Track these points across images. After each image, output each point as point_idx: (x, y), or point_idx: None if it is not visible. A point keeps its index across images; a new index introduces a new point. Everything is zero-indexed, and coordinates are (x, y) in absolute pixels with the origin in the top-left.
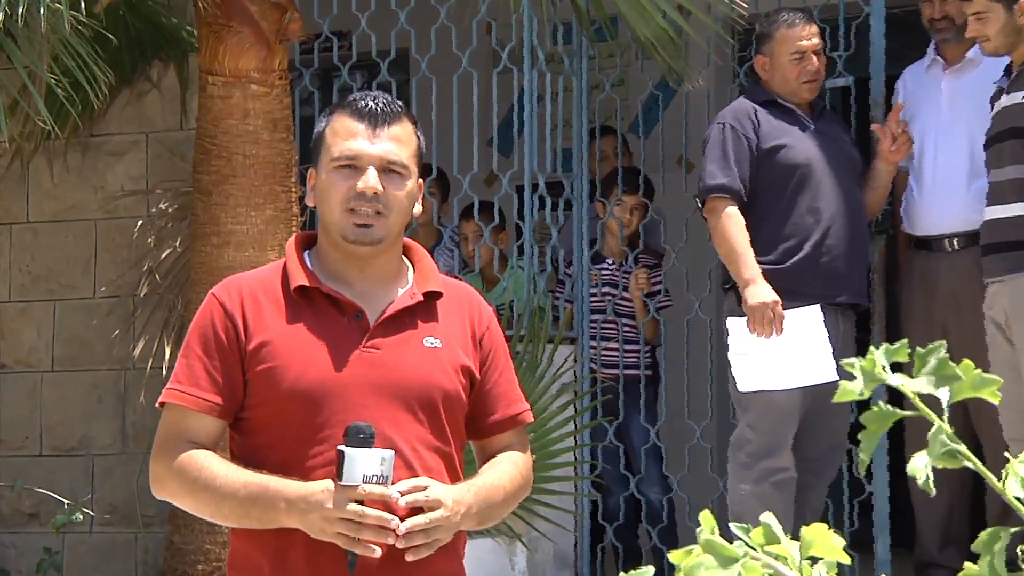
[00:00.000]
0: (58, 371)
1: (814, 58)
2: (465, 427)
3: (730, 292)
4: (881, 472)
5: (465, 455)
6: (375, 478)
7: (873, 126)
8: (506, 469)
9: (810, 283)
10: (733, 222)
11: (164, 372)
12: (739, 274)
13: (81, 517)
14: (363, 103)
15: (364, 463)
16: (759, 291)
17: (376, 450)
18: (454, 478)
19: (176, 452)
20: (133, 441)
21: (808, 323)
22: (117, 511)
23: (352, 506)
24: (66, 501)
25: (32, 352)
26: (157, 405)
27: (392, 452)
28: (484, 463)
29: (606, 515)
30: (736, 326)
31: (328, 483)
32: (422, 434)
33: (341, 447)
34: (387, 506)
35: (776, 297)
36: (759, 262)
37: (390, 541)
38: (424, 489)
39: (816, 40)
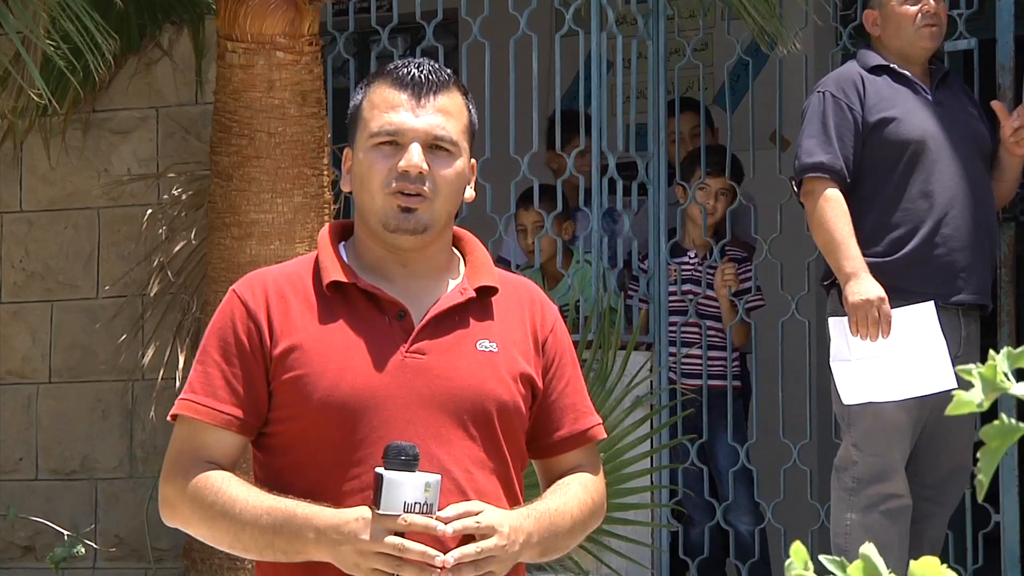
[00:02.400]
0: (56, 383)
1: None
2: (527, 444)
3: (832, 289)
4: (1011, 498)
5: (527, 478)
6: (418, 506)
7: (994, 103)
8: (574, 493)
9: (922, 279)
10: (833, 207)
11: (177, 383)
12: (839, 267)
13: (83, 550)
14: (405, 70)
15: (406, 489)
16: (862, 287)
17: (420, 474)
18: (513, 503)
19: (190, 473)
20: (142, 463)
21: (921, 323)
22: (124, 543)
23: (391, 538)
24: (66, 532)
25: (27, 361)
26: (169, 418)
27: (438, 477)
28: (548, 486)
29: (688, 548)
30: (838, 328)
31: (364, 511)
32: (475, 453)
33: (380, 470)
34: (433, 539)
35: (882, 293)
36: (863, 255)
37: None
38: (476, 514)
39: None
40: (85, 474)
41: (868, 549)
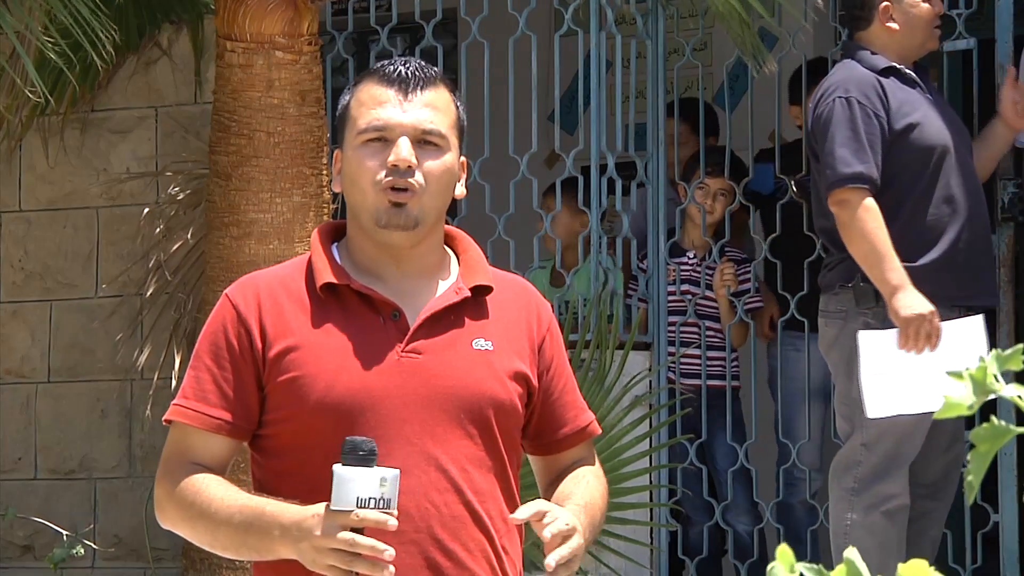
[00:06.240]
0: (55, 382)
1: None
2: (529, 442)
3: (846, 291)
4: (1009, 498)
5: (524, 477)
6: (372, 501)
7: (1009, 68)
8: (595, 486)
9: (947, 284)
10: (873, 217)
11: (173, 383)
12: (885, 280)
13: (82, 550)
14: (391, 68)
15: (360, 484)
16: (912, 300)
17: (376, 469)
18: (510, 502)
19: (177, 476)
20: (141, 463)
21: (968, 336)
22: (123, 543)
23: (343, 534)
24: (65, 532)
25: (25, 361)
26: (163, 422)
27: (396, 472)
28: (550, 481)
29: (687, 548)
30: (872, 341)
31: (320, 507)
32: (472, 452)
33: (335, 466)
34: (387, 534)
35: (932, 307)
36: None
37: (385, 575)
38: (545, 515)
39: None
40: (84, 474)
41: (851, 553)
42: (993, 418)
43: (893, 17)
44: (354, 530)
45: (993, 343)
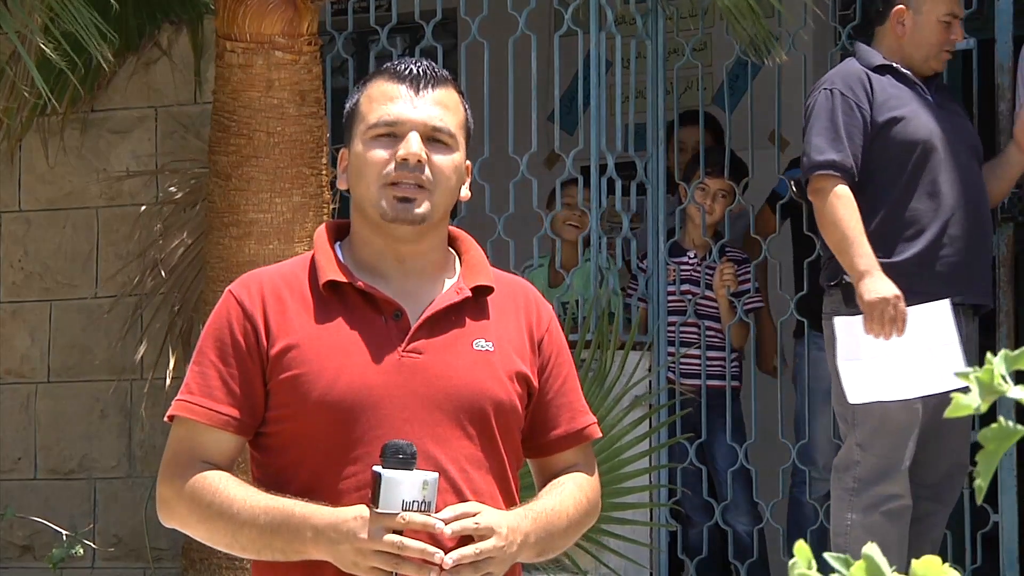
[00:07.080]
0: (55, 382)
1: (958, 25)
2: (523, 443)
3: (835, 290)
4: (1009, 499)
5: (524, 478)
6: (416, 504)
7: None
8: (570, 492)
9: (929, 280)
10: (844, 204)
11: (167, 382)
12: (853, 265)
13: (82, 551)
14: (403, 66)
15: (404, 488)
16: (877, 284)
17: (418, 472)
18: (509, 503)
19: (187, 473)
20: (141, 463)
21: (936, 321)
22: (123, 543)
23: (390, 536)
24: (64, 532)
25: (25, 361)
26: (166, 419)
27: (436, 475)
28: (544, 485)
29: (686, 548)
30: (845, 327)
31: (362, 509)
32: (472, 452)
33: (378, 468)
34: (430, 537)
35: (897, 291)
36: None
37: None
38: (473, 515)
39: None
40: (83, 474)
41: (871, 549)
42: (1001, 419)
43: (903, 23)
44: (396, 533)
45: (992, 343)
